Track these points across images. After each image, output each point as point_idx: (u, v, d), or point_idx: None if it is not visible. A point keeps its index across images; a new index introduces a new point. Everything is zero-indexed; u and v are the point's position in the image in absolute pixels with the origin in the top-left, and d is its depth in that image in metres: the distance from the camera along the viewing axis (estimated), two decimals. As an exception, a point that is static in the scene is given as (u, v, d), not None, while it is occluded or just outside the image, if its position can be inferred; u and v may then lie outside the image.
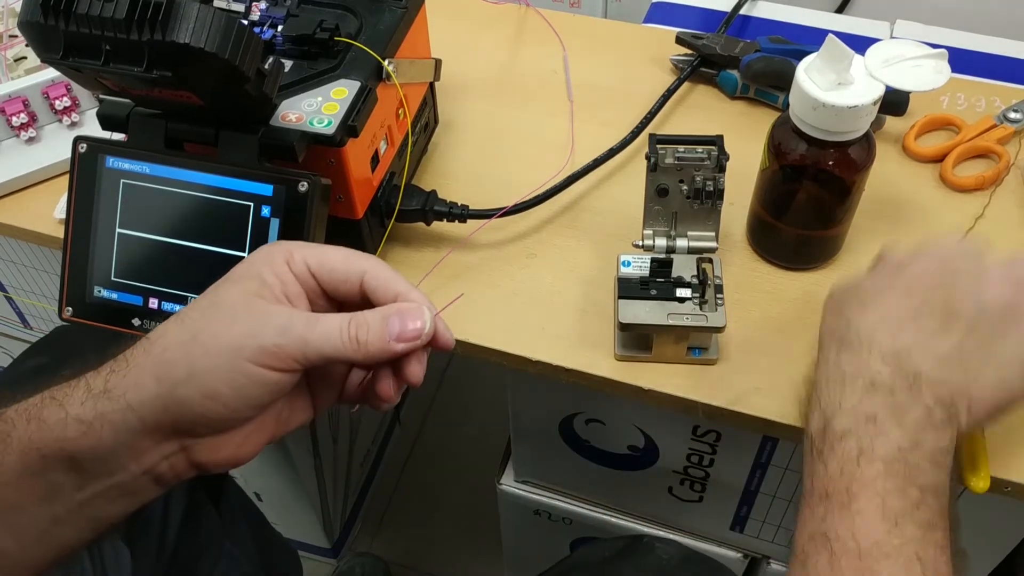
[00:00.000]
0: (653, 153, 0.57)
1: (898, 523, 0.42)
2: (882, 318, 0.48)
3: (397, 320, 0.43)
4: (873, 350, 0.47)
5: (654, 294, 0.58)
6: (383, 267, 0.46)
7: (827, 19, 0.88)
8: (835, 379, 0.48)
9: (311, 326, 0.42)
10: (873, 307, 0.49)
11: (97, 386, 0.42)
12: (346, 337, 0.42)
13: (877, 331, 0.48)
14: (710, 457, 0.70)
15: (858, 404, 0.46)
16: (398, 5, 0.61)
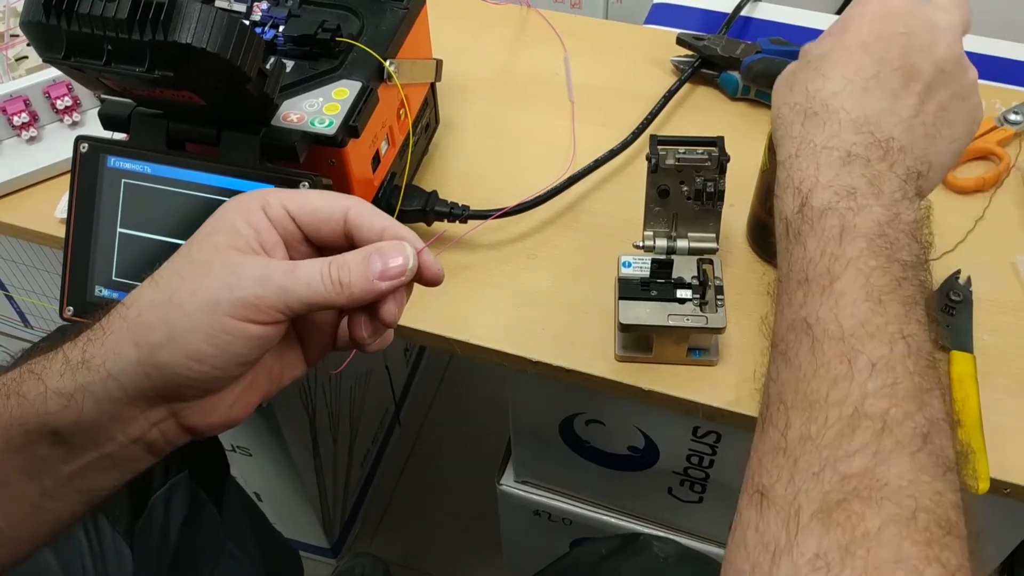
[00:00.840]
0: (654, 154, 0.57)
1: (881, 301, 0.39)
2: (844, 83, 0.45)
3: (379, 258, 0.42)
4: (843, 119, 0.44)
5: (655, 295, 0.58)
6: (366, 204, 0.44)
7: (828, 20, 0.88)
8: (806, 154, 0.44)
9: (290, 273, 0.40)
10: (831, 72, 0.46)
11: (75, 357, 0.41)
12: (328, 280, 0.41)
13: (842, 97, 0.44)
14: (710, 458, 0.70)
15: (835, 178, 0.42)
16: (399, 6, 0.61)
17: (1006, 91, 0.76)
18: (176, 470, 0.76)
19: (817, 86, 0.45)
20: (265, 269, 0.40)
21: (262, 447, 1.01)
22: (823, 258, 0.40)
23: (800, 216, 0.42)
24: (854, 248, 0.40)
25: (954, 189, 0.69)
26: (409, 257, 0.42)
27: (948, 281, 0.62)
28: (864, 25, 0.46)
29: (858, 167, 0.42)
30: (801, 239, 0.42)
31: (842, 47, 0.46)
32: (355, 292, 0.41)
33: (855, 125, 0.44)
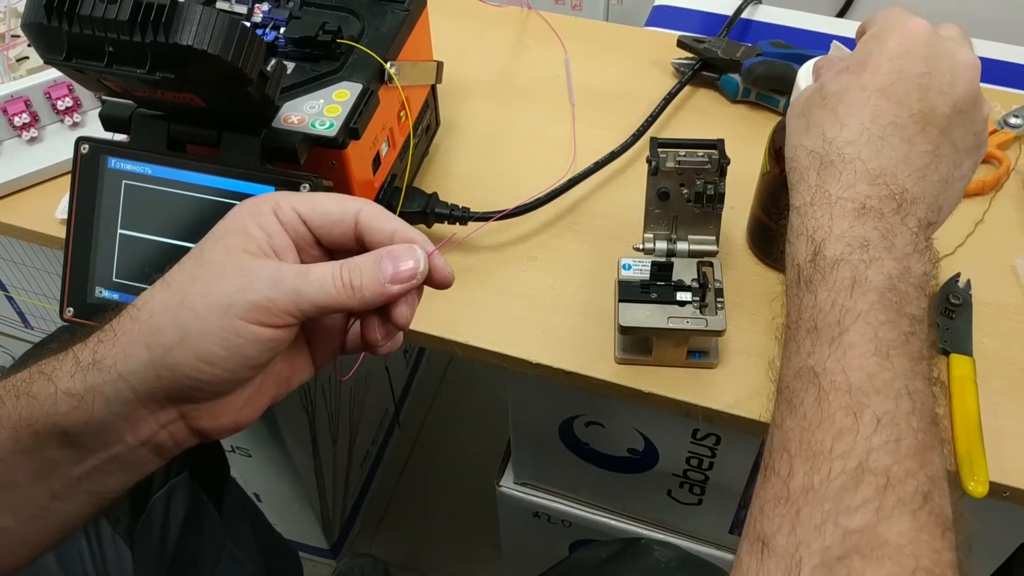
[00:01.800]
0: (654, 157, 0.57)
1: (889, 356, 0.39)
2: (861, 130, 0.44)
3: (389, 262, 0.42)
4: (858, 169, 0.43)
5: (654, 297, 0.58)
6: (376, 207, 0.44)
7: (828, 23, 0.88)
8: (820, 203, 0.44)
9: (302, 276, 0.41)
10: (847, 118, 0.45)
11: (85, 358, 0.41)
12: (339, 284, 0.41)
13: (858, 146, 0.44)
14: (710, 460, 0.70)
15: (849, 229, 0.42)
16: (400, 7, 0.61)
17: (1006, 94, 0.76)
18: (176, 471, 0.76)
19: (834, 133, 0.45)
20: (277, 272, 0.40)
21: (262, 448, 1.01)
22: (833, 309, 0.41)
23: (812, 265, 0.43)
24: (865, 301, 0.40)
25: (954, 192, 0.68)
26: (420, 260, 0.42)
27: (948, 284, 0.62)
28: (884, 64, 0.45)
29: (871, 219, 0.42)
30: (812, 287, 0.42)
31: (859, 87, 0.45)
32: (367, 295, 0.41)
33: (870, 177, 0.43)
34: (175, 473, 0.75)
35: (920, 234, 0.43)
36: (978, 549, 0.68)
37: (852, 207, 0.43)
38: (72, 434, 0.41)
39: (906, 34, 0.46)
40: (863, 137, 0.44)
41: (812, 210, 0.44)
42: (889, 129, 0.44)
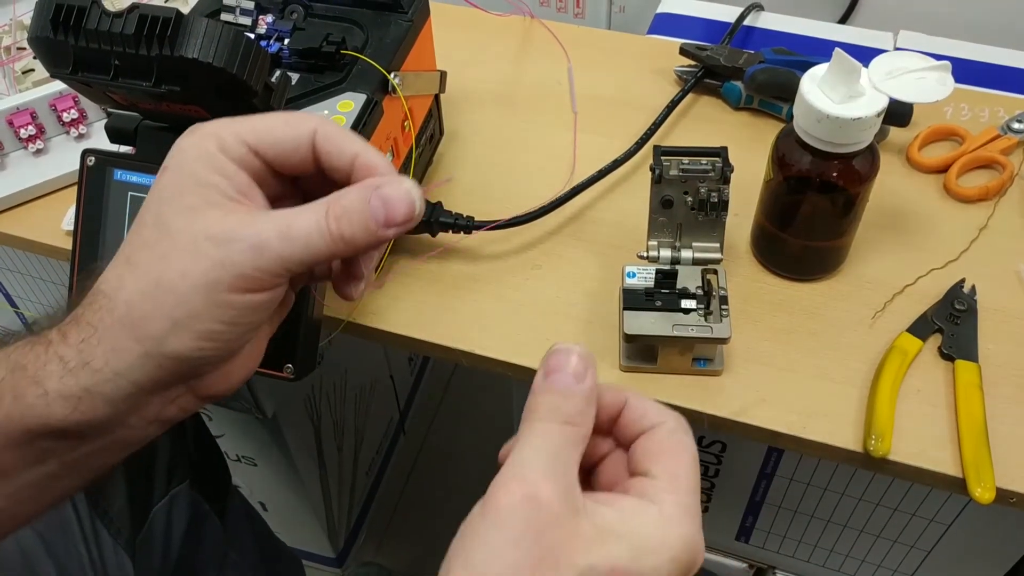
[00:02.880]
0: (658, 165, 0.57)
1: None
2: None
3: (381, 204, 0.38)
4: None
5: (659, 305, 0.58)
6: (332, 125, 0.40)
7: (831, 29, 0.89)
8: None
9: (286, 236, 0.37)
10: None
11: (72, 359, 0.38)
12: (328, 237, 0.37)
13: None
14: (715, 467, 0.70)
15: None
16: (404, 18, 0.61)
17: (1009, 99, 0.76)
18: (178, 481, 0.76)
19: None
20: (258, 237, 0.37)
21: (266, 457, 1.01)
22: None
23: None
24: None
25: (958, 198, 0.69)
26: (415, 201, 0.39)
27: (952, 290, 0.62)
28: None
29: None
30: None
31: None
32: (359, 244, 0.38)
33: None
34: (176, 483, 0.76)
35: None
36: (985, 556, 0.68)
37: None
38: (72, 430, 0.39)
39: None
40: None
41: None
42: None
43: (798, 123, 0.56)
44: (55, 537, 0.63)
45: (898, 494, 0.65)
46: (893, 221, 0.67)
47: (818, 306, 0.63)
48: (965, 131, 0.72)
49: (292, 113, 0.40)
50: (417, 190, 0.39)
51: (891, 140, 0.73)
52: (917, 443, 0.56)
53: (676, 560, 0.35)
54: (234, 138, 0.38)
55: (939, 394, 0.58)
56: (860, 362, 0.60)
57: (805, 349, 0.60)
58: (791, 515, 0.72)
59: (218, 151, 0.38)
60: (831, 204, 0.59)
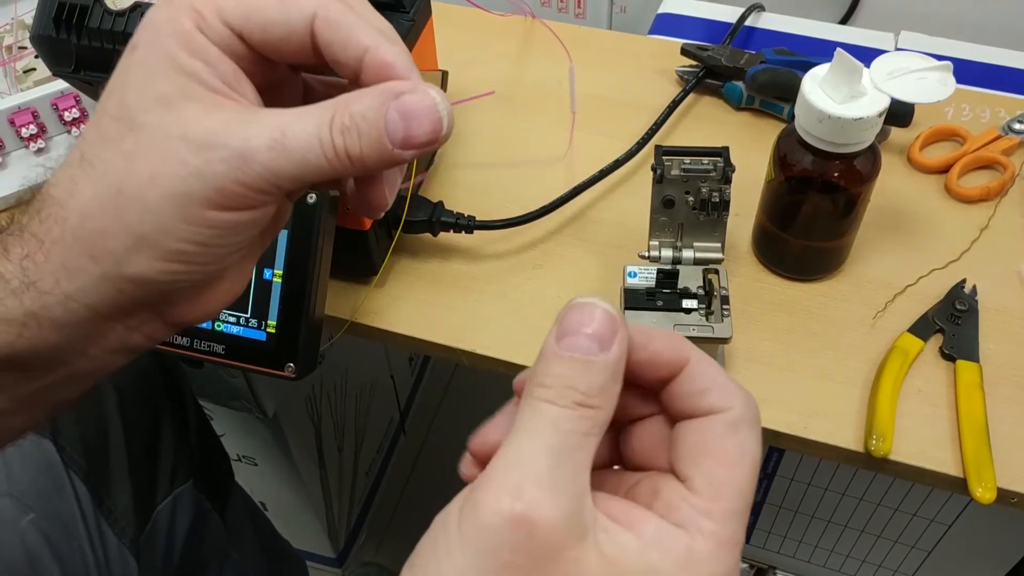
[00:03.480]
0: (659, 164, 0.58)
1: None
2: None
3: (399, 118, 0.30)
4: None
5: (660, 305, 0.58)
6: (338, 5, 0.32)
7: (832, 30, 0.89)
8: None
9: (279, 145, 0.30)
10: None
11: (15, 277, 0.32)
12: (331, 153, 0.30)
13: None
14: (716, 467, 0.70)
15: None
16: (405, 18, 0.61)
17: (1010, 100, 0.76)
18: (181, 481, 0.76)
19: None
20: (244, 145, 0.30)
21: (267, 457, 1.01)
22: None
23: None
24: None
25: (959, 198, 0.69)
26: (443, 117, 0.31)
27: (954, 290, 0.62)
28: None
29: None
30: None
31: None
32: (368, 164, 0.31)
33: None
34: (180, 483, 0.76)
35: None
36: (986, 556, 0.68)
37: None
38: (19, 360, 0.33)
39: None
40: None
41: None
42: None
43: (799, 123, 0.56)
44: (60, 537, 0.63)
45: (899, 494, 0.65)
46: (894, 221, 0.68)
47: (819, 306, 0.63)
48: (966, 131, 0.72)
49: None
50: (445, 102, 0.31)
51: (892, 140, 0.73)
52: (918, 443, 0.56)
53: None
54: (215, 16, 0.31)
55: (940, 394, 0.58)
56: (861, 362, 0.60)
57: (806, 349, 0.61)
58: (792, 515, 0.72)
59: (196, 30, 0.31)
60: (832, 204, 0.59)
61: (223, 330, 0.54)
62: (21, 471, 0.64)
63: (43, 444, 0.66)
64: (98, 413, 0.70)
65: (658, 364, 0.30)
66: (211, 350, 0.55)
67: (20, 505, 0.62)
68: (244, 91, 0.32)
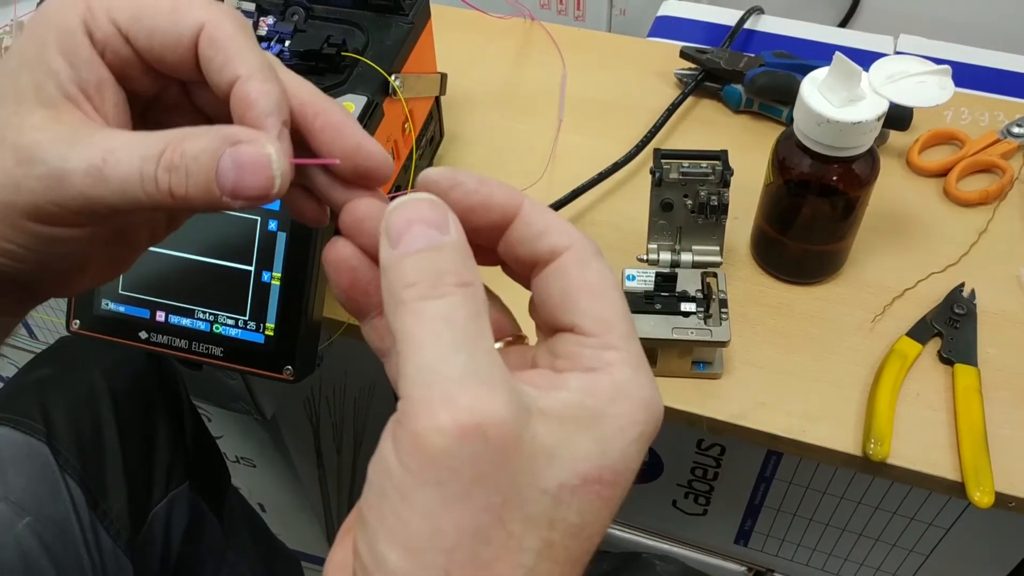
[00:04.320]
0: (658, 168, 0.57)
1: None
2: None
3: (231, 167, 0.29)
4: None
5: (659, 308, 0.58)
6: (227, 22, 0.30)
7: (831, 33, 0.89)
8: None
9: (97, 172, 0.29)
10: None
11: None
12: (152, 188, 0.29)
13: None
14: (714, 471, 0.70)
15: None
16: (404, 20, 0.61)
17: (1009, 103, 0.76)
18: (177, 482, 0.76)
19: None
20: (60, 165, 0.29)
21: (266, 458, 1.01)
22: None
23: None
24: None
25: (957, 202, 0.69)
26: (275, 176, 0.29)
27: (952, 294, 0.62)
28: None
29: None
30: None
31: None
32: (193, 205, 0.29)
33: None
34: (176, 484, 0.76)
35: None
36: (984, 561, 0.68)
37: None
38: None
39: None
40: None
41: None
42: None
43: (798, 127, 0.56)
44: (55, 541, 0.63)
45: (897, 498, 0.65)
46: (893, 225, 0.67)
47: (818, 310, 0.63)
48: (965, 135, 0.72)
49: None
50: (281, 161, 0.29)
51: (891, 144, 0.73)
52: (916, 447, 0.56)
53: (644, 436, 0.27)
54: (104, 12, 0.30)
55: (938, 398, 0.58)
56: (859, 366, 0.60)
57: (804, 352, 0.60)
58: (790, 518, 0.72)
59: (80, 27, 0.30)
60: (831, 208, 0.59)
61: (221, 332, 0.54)
62: (16, 475, 0.64)
63: (38, 447, 0.65)
64: (93, 415, 0.70)
65: (491, 207, 0.29)
66: (209, 352, 0.55)
67: (16, 509, 0.62)
68: (103, 103, 0.31)
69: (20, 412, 0.67)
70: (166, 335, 0.55)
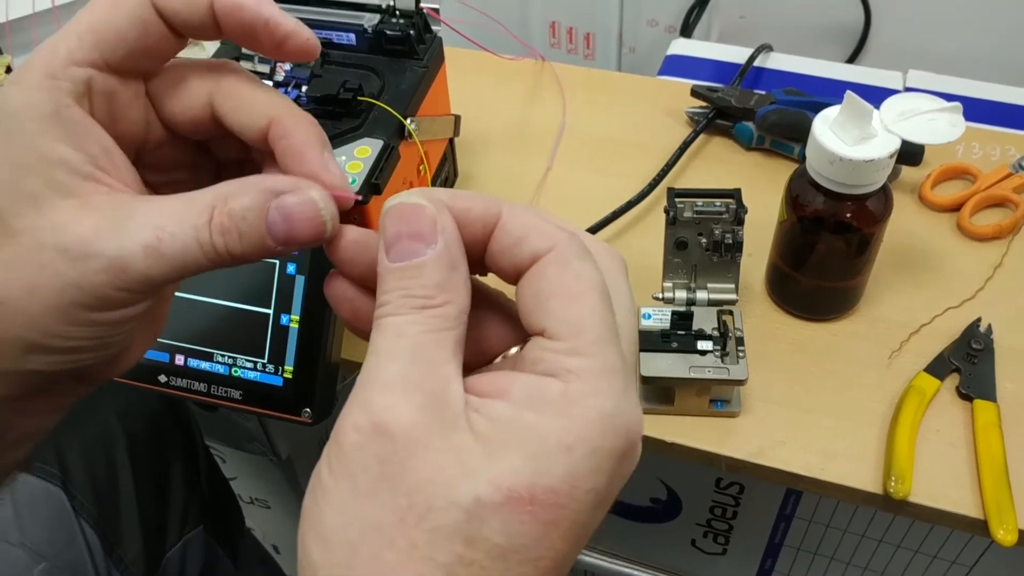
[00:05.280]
0: (672, 207, 0.58)
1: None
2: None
3: (281, 219, 0.29)
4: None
5: (675, 347, 0.58)
6: (238, 78, 0.32)
7: (840, 69, 0.89)
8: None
9: (155, 252, 0.29)
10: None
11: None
12: (212, 254, 0.29)
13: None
14: (733, 509, 0.70)
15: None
16: (419, 64, 0.62)
17: (1020, 137, 0.76)
18: (191, 525, 0.76)
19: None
20: (119, 253, 0.29)
21: (280, 499, 1.01)
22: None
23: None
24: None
25: (972, 236, 0.69)
26: (325, 221, 0.30)
27: (969, 329, 0.62)
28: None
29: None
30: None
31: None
32: (250, 259, 0.30)
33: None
34: (190, 528, 0.75)
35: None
36: (1009, 598, 0.67)
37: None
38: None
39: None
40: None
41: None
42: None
43: (811, 165, 0.57)
44: (71, 586, 0.63)
45: (919, 536, 0.64)
46: (907, 260, 0.68)
47: (834, 346, 0.63)
48: (977, 170, 0.72)
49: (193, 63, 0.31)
50: (328, 204, 0.30)
51: (903, 179, 0.73)
52: (937, 484, 0.55)
53: (598, 452, 0.25)
54: (64, 61, 0.29)
55: (958, 434, 0.58)
56: (878, 402, 0.59)
57: (822, 389, 0.60)
58: (811, 557, 0.71)
59: (58, 102, 0.29)
60: (846, 244, 0.60)
61: (240, 375, 0.54)
62: (32, 520, 0.64)
63: (54, 492, 0.66)
64: (108, 459, 0.70)
65: (470, 221, 0.29)
66: (228, 395, 0.55)
67: (32, 554, 0.62)
68: (116, 168, 0.31)
69: (36, 456, 0.67)
70: (185, 379, 0.56)
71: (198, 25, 0.30)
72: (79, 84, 0.29)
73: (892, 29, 1.04)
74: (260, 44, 0.31)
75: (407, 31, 0.61)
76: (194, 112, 0.32)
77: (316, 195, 0.30)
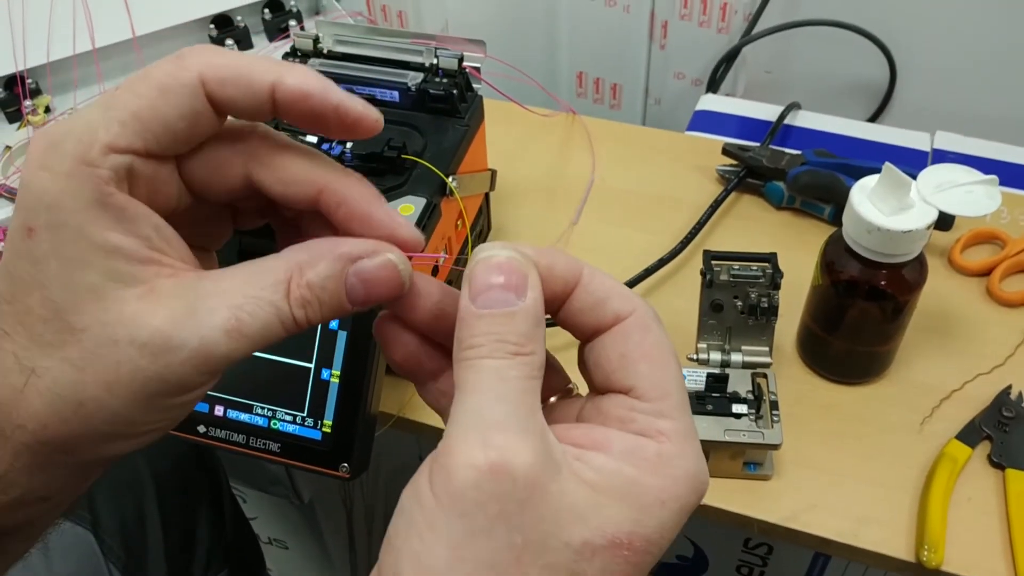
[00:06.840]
0: (708, 270, 0.58)
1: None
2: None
3: (359, 284, 0.30)
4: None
5: (710, 409, 0.58)
6: (279, 146, 0.31)
7: (868, 129, 0.90)
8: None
9: (236, 334, 0.28)
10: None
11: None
12: (292, 325, 0.29)
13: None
14: (760, 570, 0.70)
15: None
16: (460, 123, 0.63)
17: (1046, 203, 0.77)
18: (216, 569, 0.76)
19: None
20: (201, 342, 0.28)
21: (298, 541, 1.01)
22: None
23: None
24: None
25: (1001, 302, 0.69)
26: (403, 278, 0.31)
27: (1000, 397, 0.62)
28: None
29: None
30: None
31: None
32: (324, 322, 0.31)
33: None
34: (214, 572, 0.75)
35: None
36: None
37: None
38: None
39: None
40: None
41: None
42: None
43: (847, 232, 0.57)
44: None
45: (948, 602, 0.64)
46: (938, 324, 0.68)
47: (866, 410, 0.63)
48: (1006, 235, 0.73)
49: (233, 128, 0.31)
50: (404, 262, 0.31)
51: (933, 242, 0.74)
52: (970, 553, 0.55)
53: (684, 509, 0.28)
54: (103, 149, 0.27)
55: (990, 503, 0.58)
56: (910, 468, 0.60)
57: (854, 453, 0.60)
58: (836, 619, 0.71)
59: (98, 189, 0.27)
60: (880, 311, 0.60)
61: (279, 428, 0.55)
62: (62, 563, 0.64)
63: (84, 535, 0.66)
64: (136, 502, 0.70)
65: (554, 278, 0.30)
66: (267, 448, 0.55)
67: (63, 598, 0.62)
68: (172, 246, 0.30)
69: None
70: (224, 429, 0.56)
71: (254, 113, 0.30)
72: (120, 171, 0.28)
73: (918, 86, 1.05)
74: (327, 129, 0.30)
75: (450, 90, 0.62)
76: (229, 184, 0.31)
77: (394, 257, 0.30)
